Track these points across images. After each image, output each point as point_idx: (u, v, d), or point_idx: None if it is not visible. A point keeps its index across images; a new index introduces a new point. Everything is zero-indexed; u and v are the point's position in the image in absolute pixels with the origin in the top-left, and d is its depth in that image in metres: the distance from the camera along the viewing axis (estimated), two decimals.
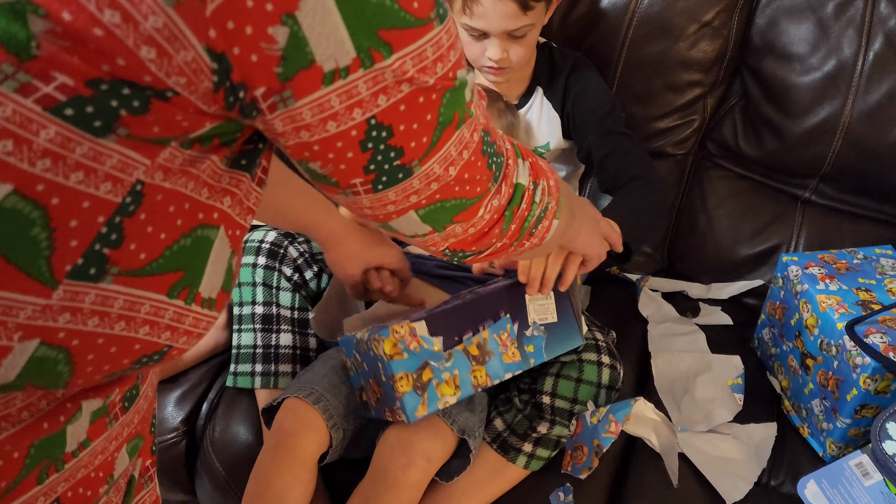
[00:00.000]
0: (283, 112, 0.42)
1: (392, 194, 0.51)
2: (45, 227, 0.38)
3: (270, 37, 0.38)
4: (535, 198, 0.63)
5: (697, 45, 1.28)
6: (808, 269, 1.08)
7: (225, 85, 0.40)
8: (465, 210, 0.56)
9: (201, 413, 1.15)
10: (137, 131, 0.39)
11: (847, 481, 0.91)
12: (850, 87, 1.21)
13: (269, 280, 1.09)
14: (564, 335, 0.96)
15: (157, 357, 0.48)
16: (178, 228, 0.44)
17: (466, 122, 0.51)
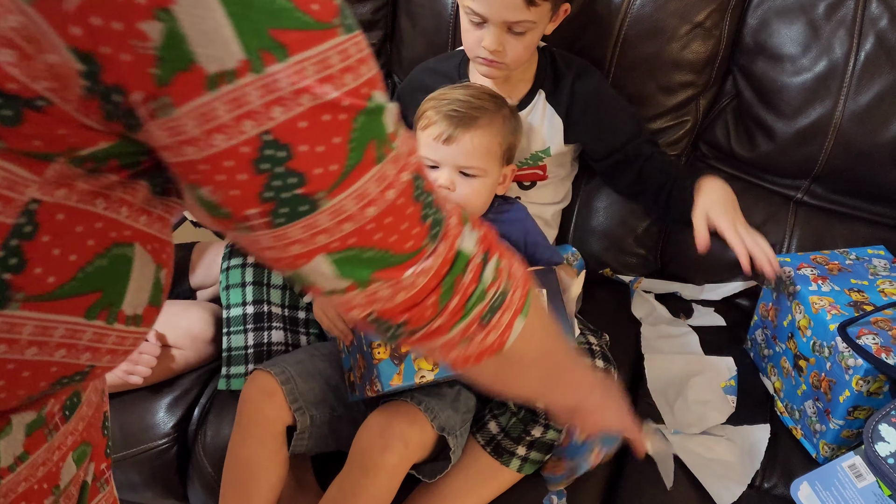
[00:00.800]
0: (163, 121, 0.37)
1: (295, 231, 0.43)
2: None
3: (143, 33, 0.34)
4: (483, 273, 0.51)
5: (690, 46, 1.27)
6: (800, 270, 1.08)
7: (97, 90, 0.36)
8: (391, 267, 0.47)
9: (193, 418, 1.15)
10: (16, 144, 0.36)
11: (840, 483, 0.91)
12: (842, 87, 1.21)
13: (259, 277, 1.09)
14: None
15: (79, 377, 0.46)
16: (90, 249, 0.41)
17: (389, 156, 0.44)
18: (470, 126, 1.02)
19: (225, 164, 0.39)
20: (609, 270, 1.38)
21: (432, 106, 1.05)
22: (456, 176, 1.03)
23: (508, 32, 1.08)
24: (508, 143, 1.07)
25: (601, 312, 1.27)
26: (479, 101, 1.04)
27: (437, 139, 1.02)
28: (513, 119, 1.09)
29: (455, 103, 1.03)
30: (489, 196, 1.07)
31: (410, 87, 1.27)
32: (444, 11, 1.34)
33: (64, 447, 0.51)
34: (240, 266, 1.09)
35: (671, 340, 1.22)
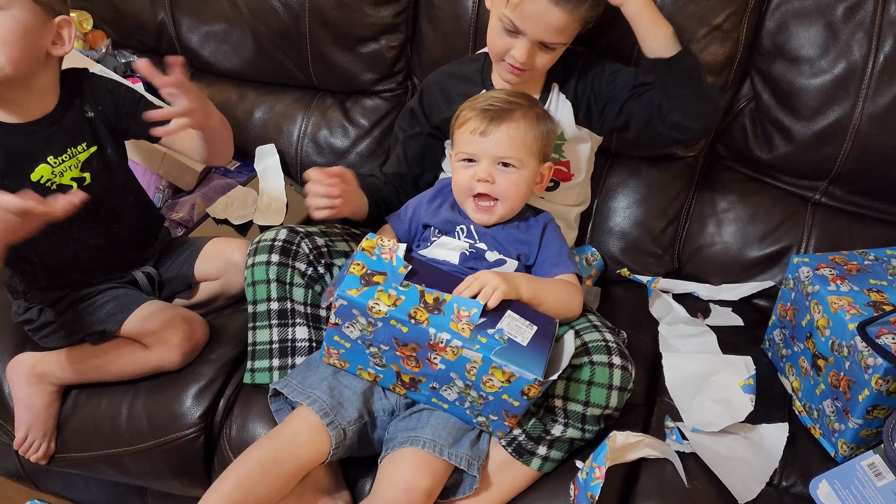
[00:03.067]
0: None
1: None
2: None
3: None
4: None
5: (708, 49, 1.28)
6: (818, 270, 1.08)
7: None
8: None
9: (218, 410, 1.17)
10: None
11: (859, 482, 0.92)
12: (860, 89, 1.21)
13: (282, 276, 1.11)
14: (525, 360, 0.92)
15: None
16: None
17: None
18: (505, 118, 1.05)
19: None
20: (626, 271, 1.39)
21: (468, 105, 1.09)
22: (494, 168, 1.06)
23: (539, 47, 1.10)
24: (543, 141, 1.09)
25: (619, 312, 1.28)
26: (513, 98, 1.09)
27: (473, 132, 1.06)
28: (547, 118, 1.11)
29: (490, 100, 1.08)
30: (527, 191, 1.10)
31: (432, 89, 1.28)
32: (464, 15, 1.36)
33: None
34: (264, 263, 1.11)
35: (689, 340, 1.22)
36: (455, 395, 0.98)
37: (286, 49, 1.51)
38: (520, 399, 0.94)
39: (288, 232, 1.13)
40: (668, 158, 1.39)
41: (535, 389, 0.92)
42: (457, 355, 0.93)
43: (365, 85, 1.53)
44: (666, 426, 1.07)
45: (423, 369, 0.97)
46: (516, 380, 0.91)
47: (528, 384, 0.91)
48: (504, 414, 0.97)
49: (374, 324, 0.94)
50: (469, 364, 0.93)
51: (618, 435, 1.01)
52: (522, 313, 0.97)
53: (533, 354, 0.92)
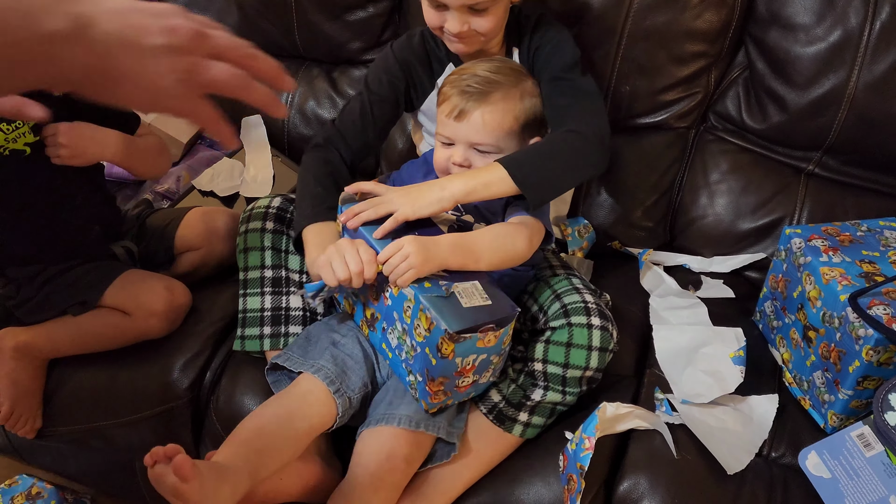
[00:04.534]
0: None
1: None
2: None
3: None
4: None
5: (703, 16, 1.26)
6: (811, 241, 1.07)
7: None
8: None
9: (206, 381, 1.16)
10: None
11: (848, 452, 0.91)
12: (856, 57, 1.19)
13: (277, 244, 1.09)
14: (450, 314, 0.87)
15: None
16: None
17: None
18: (481, 101, 1.00)
19: None
20: (618, 243, 1.38)
21: (451, 81, 1.04)
22: (470, 153, 1.02)
23: (470, 12, 1.05)
24: (527, 116, 1.04)
25: (610, 284, 1.27)
26: (496, 76, 1.02)
27: (449, 115, 1.01)
28: (535, 90, 1.06)
29: (472, 78, 1.02)
30: None
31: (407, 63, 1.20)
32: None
33: None
34: (258, 230, 1.10)
35: (680, 312, 1.22)
36: (396, 340, 0.95)
37: (271, 17, 1.48)
38: (436, 356, 0.89)
39: (282, 199, 1.12)
40: (660, 129, 1.37)
41: (448, 345, 0.87)
42: (399, 290, 0.91)
43: (352, 54, 1.50)
44: (656, 398, 1.07)
45: (379, 304, 0.95)
46: (434, 329, 0.87)
47: (440, 336, 0.86)
48: (426, 375, 0.92)
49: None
50: (406, 303, 0.90)
51: (608, 406, 1.00)
52: (489, 289, 0.93)
53: (463, 314, 0.87)
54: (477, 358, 0.92)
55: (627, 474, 0.99)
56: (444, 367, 0.90)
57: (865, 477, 0.90)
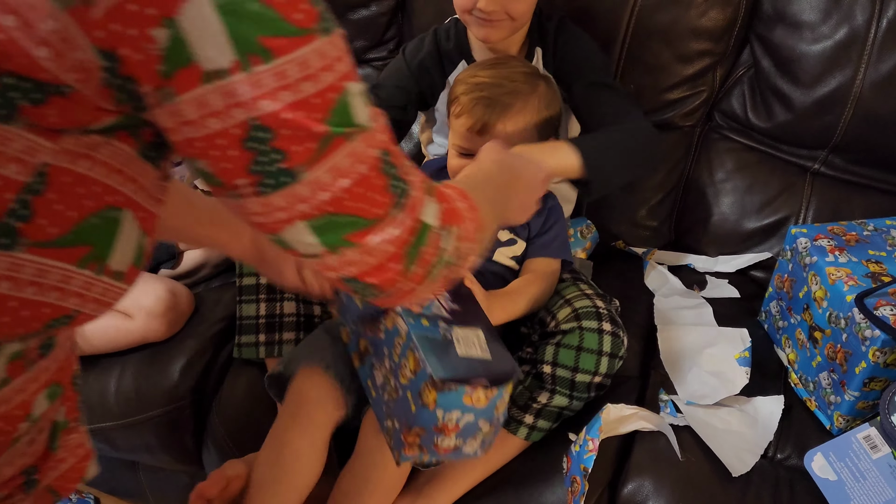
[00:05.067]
0: (166, 106, 0.46)
1: (279, 199, 0.50)
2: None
3: (152, 38, 0.42)
4: (441, 242, 0.58)
5: (707, 14, 1.25)
6: (817, 241, 1.07)
7: (114, 81, 0.44)
8: (360, 230, 0.53)
9: (207, 383, 1.16)
10: (38, 120, 0.44)
11: (854, 454, 0.91)
12: (862, 55, 1.18)
13: None
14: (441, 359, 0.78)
15: (66, 321, 0.53)
16: (86, 208, 0.49)
17: (361, 135, 0.51)
18: (503, 114, 0.99)
19: (217, 142, 0.47)
20: (622, 243, 1.37)
21: (464, 91, 1.01)
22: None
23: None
24: (543, 118, 1.03)
25: (614, 284, 1.26)
26: (512, 85, 1.00)
27: (470, 130, 1.00)
28: (549, 92, 1.05)
29: (487, 89, 0.99)
30: None
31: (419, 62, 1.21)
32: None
33: (39, 381, 0.57)
34: None
35: (684, 312, 1.21)
36: (381, 378, 0.87)
37: None
38: (416, 403, 0.78)
39: None
40: (666, 128, 1.36)
41: (430, 393, 0.77)
42: (393, 324, 0.83)
43: (355, 53, 1.49)
44: (660, 399, 1.06)
45: (373, 336, 0.88)
46: (419, 372, 0.78)
47: (424, 381, 0.77)
48: (404, 423, 0.81)
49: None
50: (397, 338, 0.82)
51: (611, 408, 1.00)
52: (491, 343, 0.84)
53: (454, 363, 0.78)
54: (462, 417, 0.80)
55: (632, 476, 0.98)
56: (424, 418, 0.79)
57: (872, 479, 0.89)
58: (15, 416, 0.55)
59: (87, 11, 0.41)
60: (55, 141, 0.45)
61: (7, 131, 0.44)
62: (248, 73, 0.45)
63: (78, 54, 0.42)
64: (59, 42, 0.42)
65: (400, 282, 0.57)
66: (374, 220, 0.54)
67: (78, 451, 0.65)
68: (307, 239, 0.53)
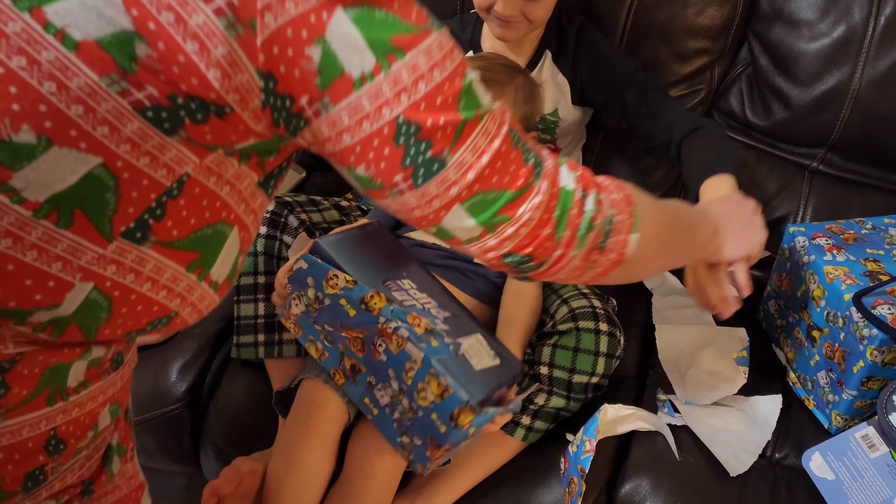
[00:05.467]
0: (325, 117, 0.52)
1: (433, 187, 0.56)
2: (115, 193, 0.50)
3: (308, 56, 0.50)
4: (585, 206, 0.62)
5: (705, 12, 1.25)
6: (815, 239, 1.06)
7: (271, 101, 0.51)
8: (508, 203, 0.59)
9: (204, 385, 1.15)
10: (195, 136, 0.51)
11: (853, 453, 0.91)
12: (860, 53, 1.18)
13: (270, 250, 1.09)
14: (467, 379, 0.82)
15: (166, 321, 0.58)
16: (205, 219, 0.55)
17: (489, 114, 0.57)
18: None
19: (373, 143, 0.54)
20: None
21: None
22: None
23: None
24: (522, 113, 1.04)
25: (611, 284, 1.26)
26: (489, 74, 1.01)
27: None
28: (527, 87, 1.06)
29: None
30: None
31: None
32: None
33: (106, 394, 0.62)
34: None
35: (682, 311, 1.21)
36: (388, 398, 0.87)
37: None
38: (447, 424, 0.81)
39: (276, 203, 1.11)
40: None
41: (466, 416, 0.80)
42: (400, 348, 0.83)
43: None
44: (658, 399, 1.06)
45: (366, 356, 0.87)
46: (449, 397, 0.80)
47: (458, 406, 0.80)
48: (429, 440, 0.84)
49: (321, 301, 0.87)
50: (409, 363, 0.83)
51: (609, 408, 1.00)
52: (492, 344, 0.88)
53: (479, 380, 0.82)
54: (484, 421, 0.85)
55: (629, 476, 0.98)
56: (455, 436, 0.82)
57: (870, 478, 0.89)
58: (84, 423, 0.60)
59: (252, 38, 0.48)
60: (201, 157, 0.52)
61: (166, 141, 0.50)
62: (388, 72, 0.52)
63: (241, 77, 0.49)
64: (228, 65, 0.49)
65: (552, 247, 0.62)
66: (519, 191, 0.59)
67: (132, 482, 0.69)
68: (465, 223, 0.59)
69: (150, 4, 0.47)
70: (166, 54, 0.47)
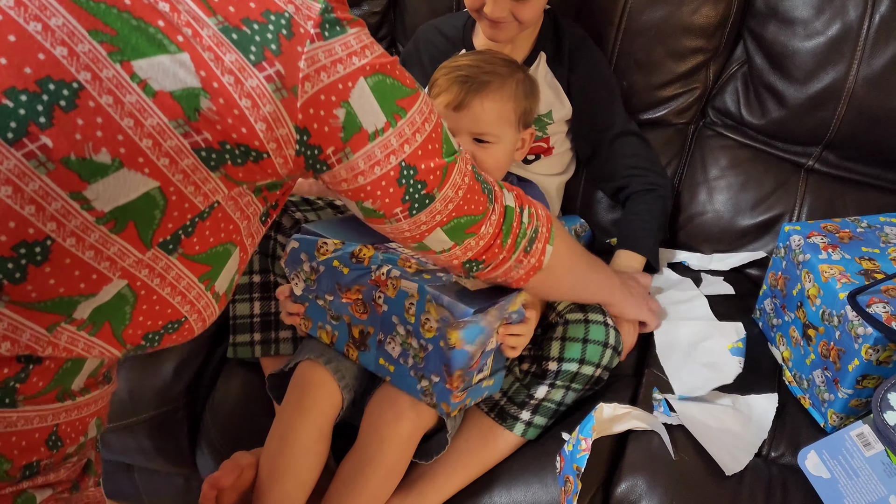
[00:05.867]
0: (345, 164, 0.66)
1: (423, 216, 0.73)
2: (162, 211, 0.60)
3: (336, 116, 0.63)
4: (522, 218, 0.81)
5: (700, 11, 1.25)
6: (810, 238, 1.06)
7: (304, 151, 0.64)
8: (475, 224, 0.77)
9: (200, 384, 1.15)
10: (231, 174, 0.62)
11: (848, 452, 0.91)
12: (855, 51, 1.18)
13: (265, 248, 1.09)
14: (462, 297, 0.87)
15: (177, 325, 0.67)
16: (220, 238, 0.65)
17: (460, 156, 0.74)
18: (480, 91, 1.00)
19: (381, 184, 0.69)
20: (615, 240, 1.37)
21: (443, 73, 1.03)
22: (471, 144, 1.02)
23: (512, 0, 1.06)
24: (523, 107, 1.05)
25: None
26: (489, 66, 1.03)
27: (448, 106, 1.01)
28: (527, 82, 1.07)
29: (465, 69, 1.02)
30: (507, 160, 1.06)
31: (415, 46, 1.25)
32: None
33: (96, 406, 0.69)
34: None
35: (680, 306, 1.21)
36: (399, 347, 0.92)
37: None
38: (448, 347, 0.87)
39: None
40: (659, 125, 1.36)
41: (453, 334, 0.86)
42: (396, 289, 0.89)
43: None
44: (654, 398, 1.06)
45: (371, 315, 0.93)
46: (444, 318, 0.86)
47: (448, 325, 0.86)
48: (445, 371, 0.89)
49: (317, 270, 0.93)
50: (407, 301, 0.89)
51: (605, 407, 1.00)
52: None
53: (475, 296, 0.87)
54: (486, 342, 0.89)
55: (625, 475, 0.98)
56: (459, 359, 0.87)
57: (865, 477, 0.89)
58: (79, 428, 0.68)
59: (294, 101, 0.60)
60: (230, 189, 0.63)
61: (209, 175, 0.60)
62: (395, 128, 0.66)
63: (281, 130, 0.61)
64: (273, 121, 0.60)
65: (499, 253, 0.80)
66: (481, 214, 0.77)
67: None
68: (442, 239, 0.76)
69: (216, 68, 0.57)
70: (224, 108, 0.58)
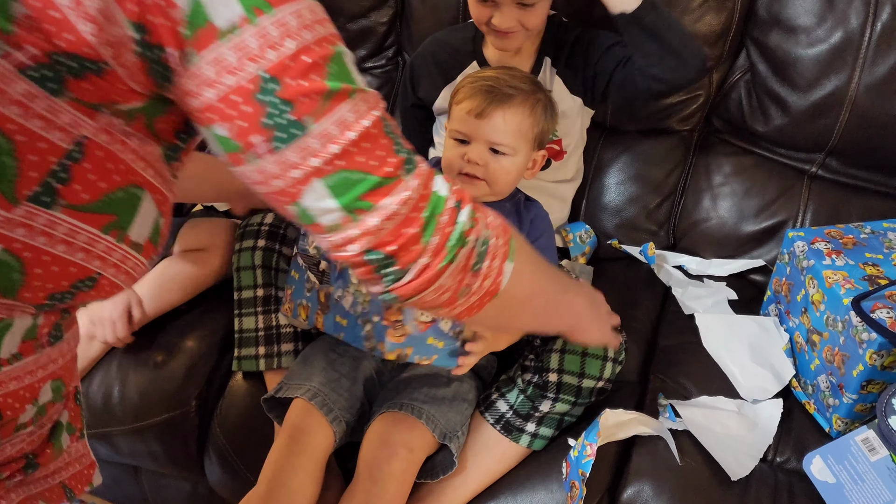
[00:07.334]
0: (190, 69, 0.52)
1: (292, 154, 0.54)
2: (12, 156, 0.50)
3: (175, 4, 0.50)
4: (458, 217, 0.61)
5: (703, 19, 1.26)
6: (814, 244, 1.07)
7: (145, 53, 0.51)
8: (373, 189, 0.56)
9: (209, 392, 1.16)
10: (78, 94, 0.51)
11: (853, 457, 0.91)
12: (858, 58, 1.19)
13: (268, 262, 1.10)
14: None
15: (90, 283, 0.59)
16: (114, 182, 0.56)
17: (360, 94, 0.56)
18: (503, 103, 1.01)
19: (232, 99, 0.52)
20: (616, 242, 1.38)
21: (469, 82, 1.05)
22: (485, 151, 1.02)
23: (519, 7, 1.07)
24: (541, 126, 1.05)
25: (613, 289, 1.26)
26: (514, 81, 1.03)
27: (469, 113, 1.01)
28: (548, 104, 1.07)
29: (491, 80, 1.03)
30: (517, 176, 1.06)
31: (422, 59, 1.26)
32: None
33: (46, 370, 0.63)
34: (250, 249, 1.10)
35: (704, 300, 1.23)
36: (350, 297, 0.93)
37: None
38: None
39: (275, 216, 1.12)
40: (663, 132, 1.37)
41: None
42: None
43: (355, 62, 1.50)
44: (659, 404, 1.07)
45: (331, 272, 0.95)
46: None
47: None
48: (383, 308, 0.90)
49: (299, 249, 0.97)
50: None
51: (610, 413, 1.00)
52: None
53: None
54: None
55: (631, 481, 0.98)
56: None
57: (870, 481, 0.89)
58: (23, 396, 0.61)
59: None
60: (94, 119, 0.52)
61: (55, 103, 0.51)
62: (255, 25, 0.51)
63: (115, 30, 0.49)
64: (101, 18, 0.48)
65: (419, 252, 0.59)
66: (385, 178, 0.57)
67: (83, 460, 0.71)
68: (326, 202, 0.56)
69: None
70: (40, 12, 0.48)
